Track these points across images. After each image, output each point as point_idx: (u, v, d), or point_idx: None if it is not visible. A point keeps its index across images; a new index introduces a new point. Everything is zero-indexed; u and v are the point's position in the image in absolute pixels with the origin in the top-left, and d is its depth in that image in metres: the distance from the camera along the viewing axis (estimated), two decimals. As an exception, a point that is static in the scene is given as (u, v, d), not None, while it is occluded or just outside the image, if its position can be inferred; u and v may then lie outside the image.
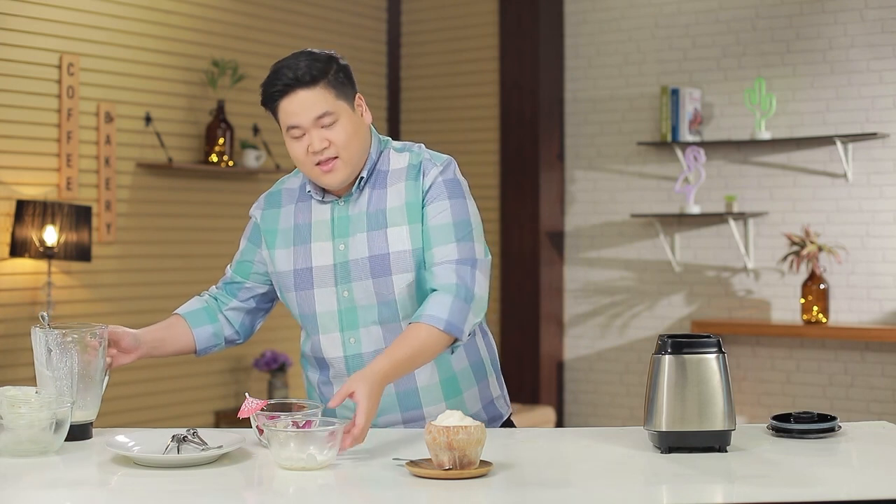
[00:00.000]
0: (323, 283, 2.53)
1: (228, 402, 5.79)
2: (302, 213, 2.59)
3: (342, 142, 2.47)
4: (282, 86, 2.47)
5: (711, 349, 2.28)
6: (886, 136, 5.40)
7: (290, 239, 2.58)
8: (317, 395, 2.65)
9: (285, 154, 6.07)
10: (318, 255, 2.54)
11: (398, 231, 2.49)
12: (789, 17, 5.64)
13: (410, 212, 2.50)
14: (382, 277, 2.49)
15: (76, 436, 2.35)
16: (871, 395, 5.43)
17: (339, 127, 2.47)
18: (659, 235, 5.96)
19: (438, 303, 2.41)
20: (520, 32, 6.25)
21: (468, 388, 2.60)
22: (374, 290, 2.50)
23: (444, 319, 2.39)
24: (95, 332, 2.40)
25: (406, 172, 2.54)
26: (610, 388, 6.14)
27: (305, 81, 2.45)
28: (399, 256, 2.49)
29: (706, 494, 2.04)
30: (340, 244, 2.53)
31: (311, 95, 2.46)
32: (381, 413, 2.54)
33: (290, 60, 2.50)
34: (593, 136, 6.22)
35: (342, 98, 2.49)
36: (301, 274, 2.55)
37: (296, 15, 6.19)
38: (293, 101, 2.47)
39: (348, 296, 2.52)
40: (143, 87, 5.39)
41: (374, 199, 2.53)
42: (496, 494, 2.01)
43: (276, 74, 2.50)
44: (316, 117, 2.45)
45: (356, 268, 2.50)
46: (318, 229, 2.55)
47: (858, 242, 5.46)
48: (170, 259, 5.54)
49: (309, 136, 2.47)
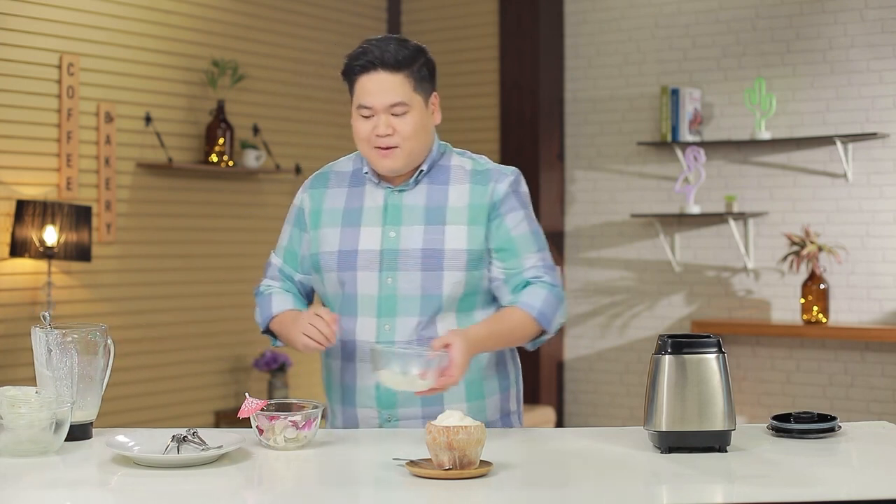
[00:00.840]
0: (367, 267, 2.54)
1: (228, 402, 5.79)
2: (354, 196, 2.60)
3: (407, 133, 2.49)
4: (365, 62, 2.48)
5: (711, 349, 2.28)
6: (886, 136, 5.40)
7: (338, 219, 2.59)
8: (336, 385, 2.64)
9: (285, 154, 6.08)
10: (365, 239, 2.55)
11: (456, 230, 2.53)
12: (789, 17, 5.64)
13: (473, 214, 2.54)
14: (433, 272, 2.52)
15: (76, 436, 2.35)
16: (871, 395, 5.43)
17: (409, 118, 2.50)
18: (659, 235, 5.96)
19: (534, 294, 2.53)
20: (520, 32, 6.25)
21: (491, 394, 2.62)
22: (420, 283, 2.52)
23: (537, 308, 2.51)
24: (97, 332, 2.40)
25: (470, 175, 2.58)
26: (610, 388, 6.14)
27: (389, 65, 2.47)
28: (454, 254, 2.53)
29: (706, 494, 2.04)
30: (391, 231, 2.55)
31: (391, 80, 2.48)
32: (402, 405, 2.55)
33: (382, 41, 2.51)
34: (593, 136, 6.22)
35: (419, 92, 2.51)
36: (346, 255, 2.56)
37: (296, 15, 6.19)
38: (372, 79, 2.48)
39: (391, 283, 2.53)
40: (143, 87, 5.39)
41: (433, 194, 2.56)
42: (496, 494, 2.01)
43: (363, 49, 2.51)
44: (389, 104, 2.48)
45: (406, 257, 2.53)
46: (370, 214, 2.57)
47: (858, 242, 5.46)
48: (170, 259, 5.54)
49: (377, 118, 2.49)
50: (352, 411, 2.58)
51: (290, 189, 6.14)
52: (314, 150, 6.28)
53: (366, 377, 2.55)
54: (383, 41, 2.51)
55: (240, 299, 5.84)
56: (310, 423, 2.32)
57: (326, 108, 6.36)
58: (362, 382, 2.56)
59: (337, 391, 2.63)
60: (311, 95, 6.27)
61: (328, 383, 2.68)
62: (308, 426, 2.31)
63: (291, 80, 6.15)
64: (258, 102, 5.97)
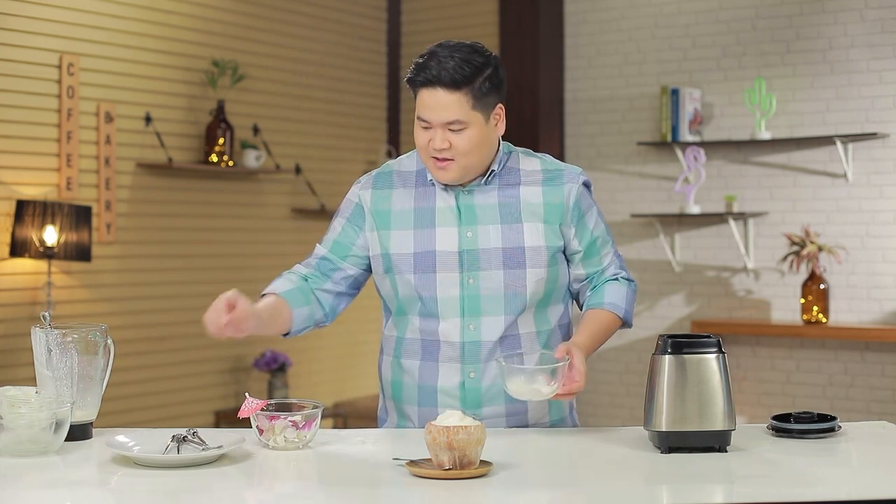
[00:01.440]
0: (446, 268, 2.53)
1: (228, 402, 5.79)
2: (423, 197, 2.58)
3: (463, 149, 2.48)
4: (424, 78, 2.46)
5: (711, 349, 2.28)
6: (886, 136, 5.40)
7: (409, 221, 2.57)
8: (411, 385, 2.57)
9: (285, 154, 6.08)
10: (442, 241, 2.54)
11: (534, 227, 2.54)
12: (789, 17, 5.64)
13: (549, 212, 2.56)
14: (515, 269, 2.53)
15: (76, 436, 2.35)
16: (871, 395, 5.43)
17: (466, 135, 2.47)
18: (659, 235, 5.96)
19: (617, 293, 2.63)
20: (520, 32, 6.25)
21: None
22: (503, 281, 2.53)
23: (623, 308, 2.62)
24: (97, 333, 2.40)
25: (542, 176, 2.59)
26: (610, 388, 6.14)
27: (447, 83, 2.44)
28: (534, 252, 2.54)
29: (706, 494, 2.04)
30: (468, 231, 2.54)
31: (449, 99, 2.45)
32: (486, 404, 2.54)
33: (445, 53, 2.46)
34: (593, 136, 6.22)
35: (479, 108, 2.48)
36: (423, 257, 2.54)
37: (296, 15, 6.19)
38: (431, 95, 2.46)
39: (473, 283, 2.53)
40: (143, 87, 5.39)
41: (506, 194, 2.56)
42: (496, 494, 2.01)
43: (427, 61, 2.47)
44: (446, 122, 2.46)
45: (486, 257, 2.53)
46: (443, 215, 2.55)
47: (858, 242, 5.46)
48: (170, 259, 5.54)
49: (434, 131, 2.47)
50: (432, 411, 2.54)
51: (290, 189, 6.15)
52: (314, 150, 6.28)
53: (449, 377, 2.54)
54: (447, 52, 2.45)
55: (240, 299, 5.84)
56: (310, 423, 2.32)
57: (326, 108, 6.36)
58: (445, 383, 2.54)
59: (412, 391, 2.58)
60: (311, 95, 6.27)
61: (397, 383, 2.62)
62: (308, 426, 2.31)
63: (291, 80, 6.15)
64: (258, 102, 5.96)
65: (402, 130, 6.81)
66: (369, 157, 6.63)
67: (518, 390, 2.34)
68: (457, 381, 2.53)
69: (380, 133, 6.75)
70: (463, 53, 2.46)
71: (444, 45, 2.49)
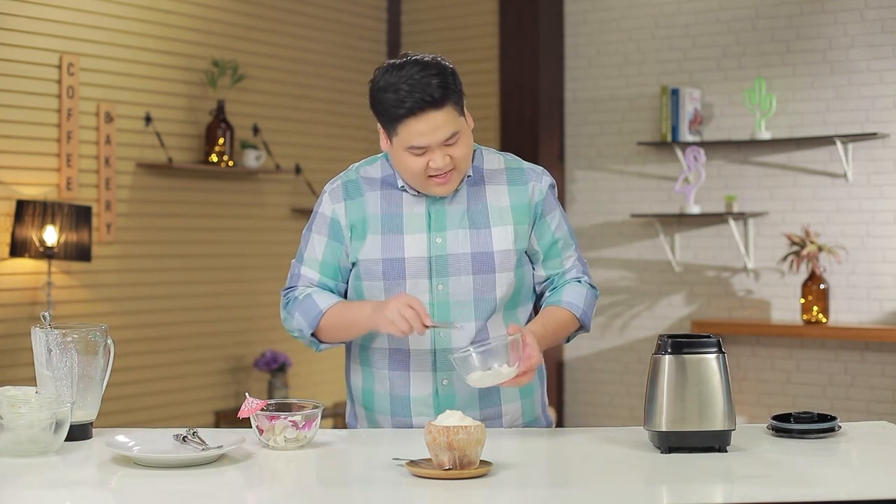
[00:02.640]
0: (416, 275, 2.51)
1: (228, 402, 5.79)
2: (391, 202, 2.54)
3: (462, 156, 2.46)
4: (410, 107, 2.38)
5: (711, 349, 2.28)
6: (886, 136, 5.40)
7: (377, 226, 2.53)
8: (383, 394, 2.55)
9: (285, 154, 6.08)
10: (411, 247, 2.51)
11: (502, 231, 2.53)
12: (789, 17, 5.64)
13: (516, 214, 2.54)
14: (484, 275, 2.51)
15: (76, 436, 2.35)
16: (871, 395, 5.43)
17: (461, 142, 2.45)
18: (659, 235, 5.96)
19: (576, 293, 2.59)
20: (520, 32, 6.25)
21: (535, 389, 2.63)
22: (472, 286, 2.51)
23: (580, 308, 2.58)
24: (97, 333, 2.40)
25: (506, 175, 2.57)
26: (610, 388, 6.14)
27: (437, 102, 2.39)
28: (503, 255, 2.52)
29: (706, 494, 2.04)
30: (437, 237, 2.51)
31: (442, 116, 2.40)
32: (461, 409, 2.50)
33: (416, 77, 2.38)
34: (593, 136, 6.22)
35: (461, 113, 2.46)
36: (392, 263, 2.51)
37: (296, 15, 6.19)
38: (423, 122, 2.39)
39: (443, 289, 2.51)
40: (143, 87, 5.39)
41: (473, 196, 2.54)
42: (496, 494, 2.01)
43: (400, 90, 2.39)
44: (444, 139, 2.42)
45: (455, 262, 2.51)
46: (412, 221, 2.52)
47: (858, 242, 5.46)
48: (170, 259, 5.54)
49: (431, 153, 2.42)
50: (405, 420, 2.53)
51: (289, 189, 6.15)
52: (314, 150, 6.28)
53: (422, 386, 2.52)
54: (417, 76, 2.38)
55: (240, 299, 5.85)
56: (310, 423, 2.32)
57: (326, 108, 6.36)
58: (418, 392, 2.52)
59: (384, 400, 2.56)
60: (311, 95, 6.27)
61: (368, 391, 2.59)
62: (308, 426, 2.31)
63: (291, 80, 6.15)
64: (258, 102, 5.96)
65: (402, 130, 6.80)
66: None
67: (477, 378, 2.32)
68: (430, 389, 2.52)
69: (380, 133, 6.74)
70: (430, 73, 2.39)
71: (402, 72, 2.39)
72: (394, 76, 2.40)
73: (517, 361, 2.34)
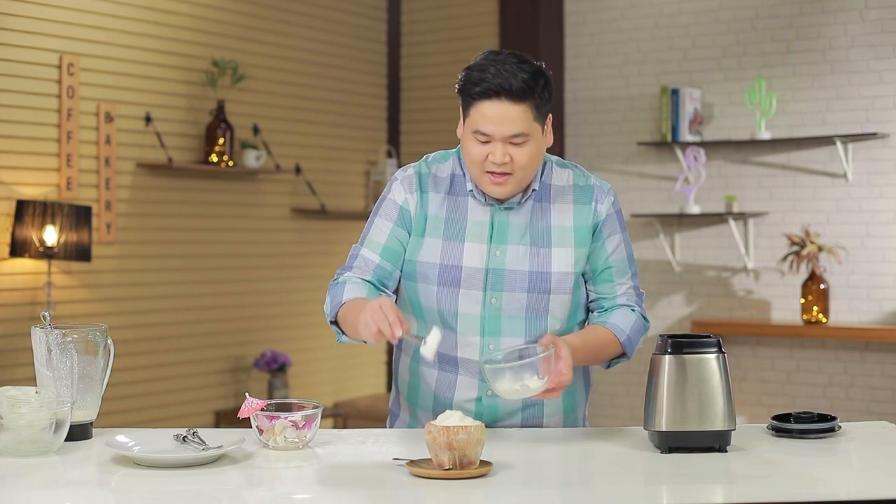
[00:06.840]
0: (470, 285, 2.47)
1: (228, 402, 5.79)
2: (457, 206, 2.50)
3: (523, 163, 2.40)
4: (486, 88, 2.36)
5: (711, 349, 2.28)
6: (886, 136, 5.40)
7: (439, 230, 2.49)
8: (427, 393, 2.54)
9: (285, 154, 6.08)
10: (469, 256, 2.47)
11: (563, 252, 2.49)
12: (789, 17, 5.64)
13: (578, 236, 2.50)
14: (540, 294, 2.47)
15: (76, 436, 2.35)
16: (871, 395, 5.43)
17: (527, 148, 2.39)
18: (659, 235, 5.96)
19: (625, 318, 2.52)
20: (520, 32, 6.25)
21: (581, 403, 2.62)
22: (526, 304, 2.47)
23: (626, 333, 2.51)
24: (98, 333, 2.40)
25: (573, 193, 2.52)
26: (610, 388, 6.14)
27: (515, 95, 2.35)
28: (561, 277, 2.48)
29: (706, 494, 2.04)
30: (497, 250, 2.47)
31: (514, 111, 2.36)
32: (503, 418, 2.52)
33: (506, 64, 2.36)
34: (593, 136, 6.22)
35: (538, 120, 2.41)
36: (448, 270, 2.48)
37: (296, 15, 6.19)
38: (494, 107, 2.36)
39: (496, 303, 2.47)
40: (143, 87, 5.39)
41: (538, 213, 2.49)
42: (496, 494, 2.01)
43: (487, 71, 2.36)
44: (510, 135, 2.37)
45: (512, 278, 2.47)
46: (474, 230, 2.48)
47: (858, 242, 5.46)
48: (170, 259, 5.54)
49: (493, 145, 2.39)
50: None
51: (289, 189, 6.15)
52: (314, 150, 6.28)
53: (467, 391, 2.51)
54: (508, 64, 2.35)
55: (240, 299, 5.85)
56: (310, 423, 2.32)
57: (326, 108, 6.36)
58: (461, 396, 2.52)
59: (427, 398, 2.56)
60: (311, 95, 6.27)
61: (414, 386, 2.59)
62: (308, 426, 2.31)
63: (291, 80, 6.15)
64: (258, 102, 5.96)
65: (402, 130, 6.80)
66: (369, 157, 6.63)
67: (506, 389, 2.28)
68: (474, 395, 2.51)
69: (380, 133, 6.75)
70: (518, 64, 2.37)
71: (496, 56, 2.39)
72: (489, 59, 2.39)
73: (548, 374, 2.28)
